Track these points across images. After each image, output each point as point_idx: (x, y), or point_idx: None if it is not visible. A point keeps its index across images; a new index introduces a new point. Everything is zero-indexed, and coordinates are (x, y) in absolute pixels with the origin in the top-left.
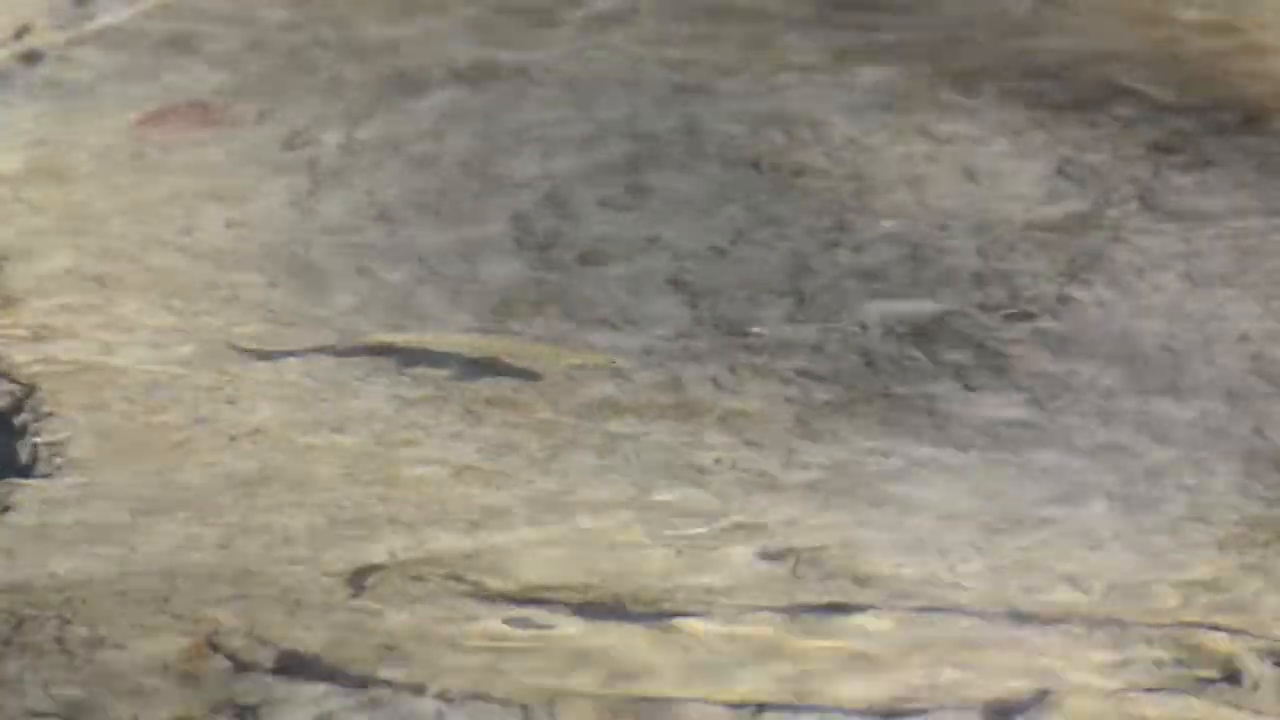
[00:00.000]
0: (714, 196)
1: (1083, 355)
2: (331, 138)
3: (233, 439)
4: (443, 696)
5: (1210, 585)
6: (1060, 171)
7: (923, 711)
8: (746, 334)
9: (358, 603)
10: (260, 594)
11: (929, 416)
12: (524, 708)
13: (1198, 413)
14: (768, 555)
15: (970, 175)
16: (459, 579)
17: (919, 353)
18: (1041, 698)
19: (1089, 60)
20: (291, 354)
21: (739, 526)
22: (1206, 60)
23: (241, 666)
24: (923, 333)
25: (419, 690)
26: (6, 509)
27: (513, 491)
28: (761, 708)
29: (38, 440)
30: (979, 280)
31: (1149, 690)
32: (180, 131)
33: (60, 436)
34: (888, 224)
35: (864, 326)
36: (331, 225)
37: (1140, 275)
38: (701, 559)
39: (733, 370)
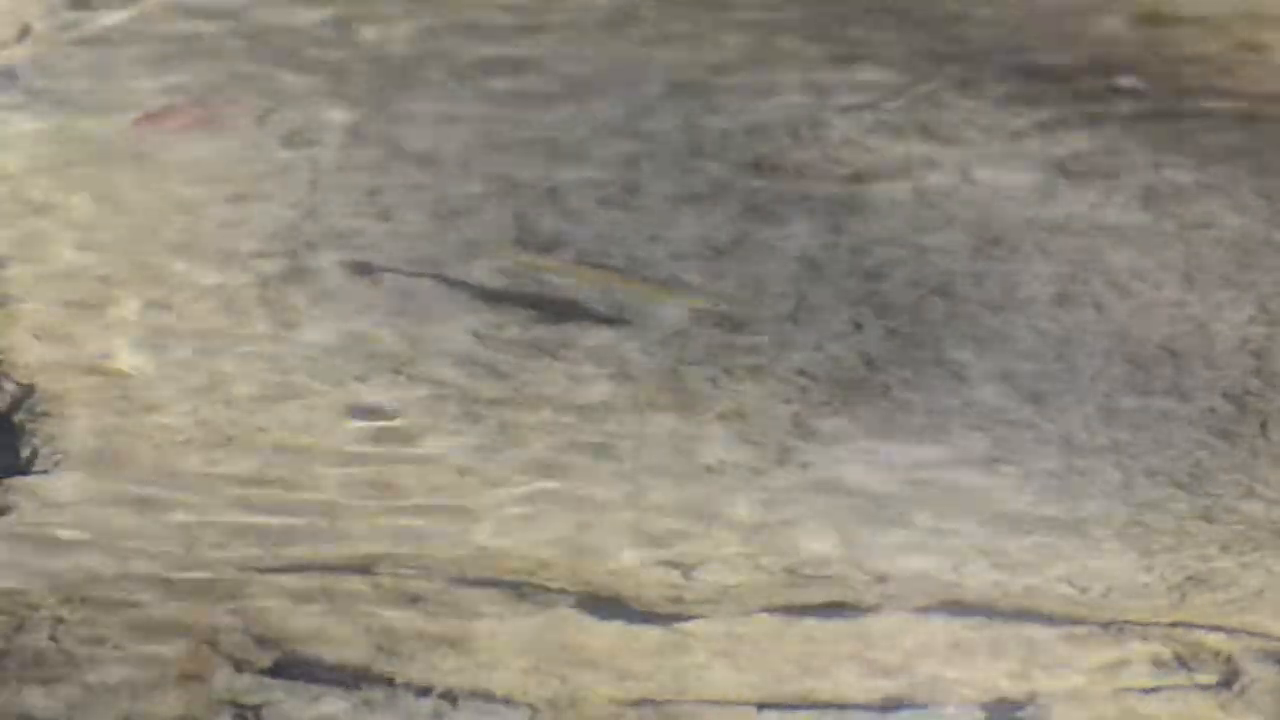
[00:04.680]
0: (714, 196)
1: (1083, 355)
2: (331, 138)
3: (232, 439)
4: (444, 696)
5: (1210, 585)
6: (1060, 172)
7: (923, 711)
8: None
9: (358, 603)
10: (260, 593)
11: (929, 417)
12: (526, 707)
13: (1198, 412)
14: (768, 555)
15: (970, 176)
16: (459, 578)
17: (919, 353)
18: (1041, 698)
19: (1089, 60)
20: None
21: (739, 526)
22: (1206, 60)
23: (241, 666)
24: (923, 332)
25: (420, 690)
26: (5, 509)
27: (512, 491)
28: (761, 708)
29: (37, 440)
30: (979, 280)
31: (1148, 690)
32: (180, 131)
33: (59, 436)
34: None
35: (863, 326)
36: (331, 225)
37: (1140, 275)
38: (702, 559)
39: (731, 370)
